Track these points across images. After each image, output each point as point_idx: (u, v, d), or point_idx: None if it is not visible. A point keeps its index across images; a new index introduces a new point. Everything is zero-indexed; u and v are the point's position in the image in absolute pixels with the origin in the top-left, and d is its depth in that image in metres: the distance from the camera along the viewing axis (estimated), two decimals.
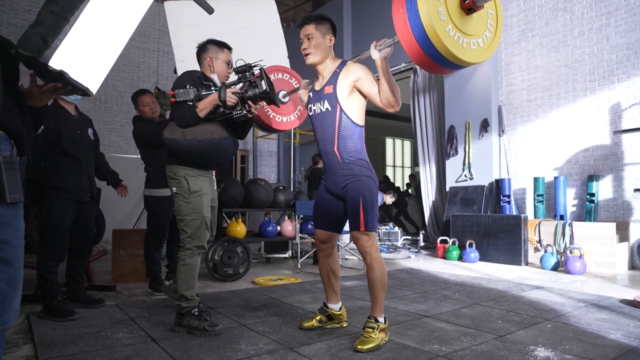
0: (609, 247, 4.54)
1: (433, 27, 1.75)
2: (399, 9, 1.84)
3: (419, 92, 7.26)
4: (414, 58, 1.92)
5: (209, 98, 2.41)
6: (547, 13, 5.74)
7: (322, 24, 2.33)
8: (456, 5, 1.87)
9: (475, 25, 1.95)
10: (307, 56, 2.33)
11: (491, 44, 2.04)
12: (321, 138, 2.34)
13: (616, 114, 5.02)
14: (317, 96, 2.35)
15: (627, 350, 2.09)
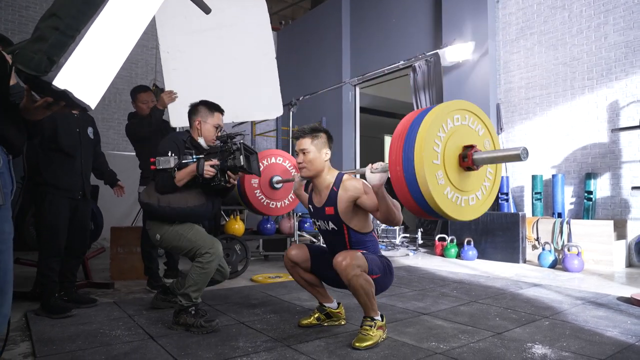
0: (606, 245, 4.55)
1: (430, 193, 1.66)
2: (395, 166, 1.74)
3: (419, 90, 7.26)
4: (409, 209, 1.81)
5: (187, 169, 2.49)
6: (545, 11, 5.74)
7: (318, 138, 2.30)
8: (455, 165, 1.78)
9: (474, 179, 1.87)
10: (303, 170, 2.32)
11: (490, 194, 1.95)
12: (332, 250, 2.36)
13: (614, 112, 5.03)
14: (319, 214, 2.34)
15: (624, 347, 2.10)
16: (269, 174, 3.21)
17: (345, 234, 2.28)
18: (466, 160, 1.78)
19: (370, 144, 12.23)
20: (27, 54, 0.84)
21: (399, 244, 6.77)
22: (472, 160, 1.76)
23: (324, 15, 9.17)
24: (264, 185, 3.20)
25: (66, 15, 0.83)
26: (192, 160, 2.52)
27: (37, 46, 0.84)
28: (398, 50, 7.50)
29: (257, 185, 3.16)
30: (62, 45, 0.84)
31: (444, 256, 5.61)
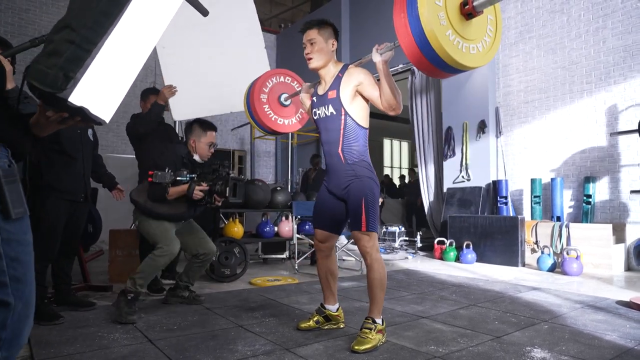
0: (605, 249, 4.56)
1: (433, 32, 1.77)
2: (399, 13, 1.86)
3: (417, 94, 7.27)
4: (414, 61, 1.93)
5: (179, 189, 2.83)
6: (544, 15, 5.76)
7: (325, 29, 2.35)
8: (456, 10, 1.88)
9: (474, 30, 1.97)
10: (310, 60, 2.35)
11: (490, 49, 2.06)
12: (326, 140, 2.37)
13: (613, 115, 5.04)
14: (321, 100, 2.38)
15: (623, 351, 2.10)
16: (277, 92, 3.24)
17: (342, 118, 2.28)
18: (467, 7, 1.88)
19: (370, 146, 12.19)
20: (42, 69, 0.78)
21: (398, 247, 6.77)
22: (473, 5, 1.87)
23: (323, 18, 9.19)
24: (273, 102, 3.23)
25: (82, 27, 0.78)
26: (186, 179, 2.85)
27: (51, 61, 0.78)
28: (397, 53, 7.50)
29: (266, 100, 3.19)
30: (79, 59, 0.79)
31: (443, 259, 5.61)
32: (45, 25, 7.41)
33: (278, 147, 10.51)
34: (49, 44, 0.79)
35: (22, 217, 0.92)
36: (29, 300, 0.94)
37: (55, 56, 0.77)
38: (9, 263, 0.88)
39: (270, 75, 3.26)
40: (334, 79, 2.33)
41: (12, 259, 0.89)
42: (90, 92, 0.83)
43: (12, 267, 0.89)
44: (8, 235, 0.88)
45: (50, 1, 7.53)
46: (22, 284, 0.91)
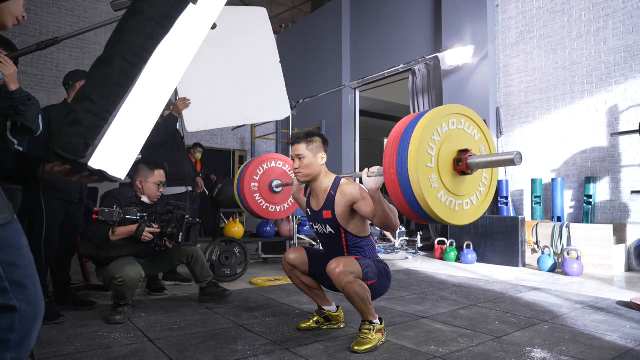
0: (606, 249, 4.55)
1: (424, 197, 1.65)
2: (389, 169, 1.74)
3: (418, 94, 7.27)
4: (402, 212, 1.81)
5: (126, 229, 2.66)
6: (545, 15, 5.76)
7: (313, 143, 2.31)
8: (449, 169, 1.77)
9: (469, 184, 1.85)
10: (299, 175, 2.32)
11: (485, 199, 1.93)
12: (330, 254, 2.34)
13: (613, 116, 5.04)
14: (317, 217, 2.35)
15: (623, 352, 2.10)
16: (268, 178, 3.21)
17: (343, 237, 2.28)
18: (461, 165, 1.77)
19: (370, 147, 12.23)
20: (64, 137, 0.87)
21: (398, 247, 6.77)
22: (467, 164, 1.75)
23: (324, 18, 9.19)
24: (264, 189, 3.20)
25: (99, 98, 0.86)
26: (136, 218, 2.69)
27: (73, 130, 0.86)
28: (398, 53, 7.52)
29: (257, 189, 3.17)
30: (97, 128, 0.87)
31: (444, 260, 5.61)
32: (46, 25, 7.42)
33: (279, 147, 10.50)
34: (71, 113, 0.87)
35: (10, 221, 0.92)
36: (36, 302, 0.94)
37: (77, 126, 0.86)
38: (6, 268, 0.89)
39: (262, 162, 3.22)
40: (327, 197, 2.29)
41: (9, 264, 0.89)
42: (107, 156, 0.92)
43: (9, 272, 0.89)
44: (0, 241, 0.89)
45: (52, 1, 7.54)
46: (24, 287, 0.91)
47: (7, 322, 0.88)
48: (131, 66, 0.87)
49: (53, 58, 7.45)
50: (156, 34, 0.88)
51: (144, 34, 0.87)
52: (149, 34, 0.87)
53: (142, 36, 0.87)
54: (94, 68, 0.88)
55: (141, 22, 0.87)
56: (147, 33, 0.87)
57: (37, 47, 1.58)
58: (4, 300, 0.88)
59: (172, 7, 0.88)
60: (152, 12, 0.87)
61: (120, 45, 0.87)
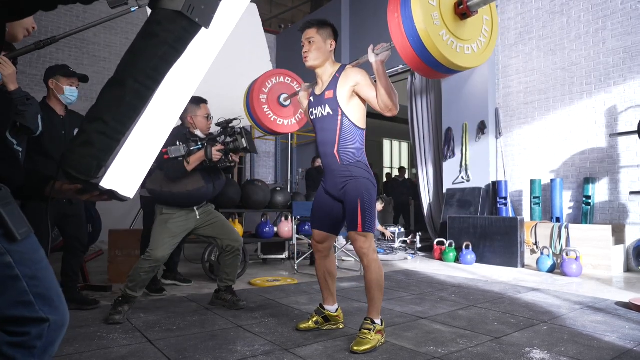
0: (604, 250, 4.56)
1: (426, 32, 1.74)
2: (393, 13, 1.84)
3: (416, 94, 7.28)
4: (409, 62, 1.91)
5: (197, 155, 2.80)
6: (544, 16, 5.76)
7: (324, 29, 2.35)
8: (450, 10, 1.85)
9: (469, 31, 1.94)
10: (307, 59, 2.35)
11: (486, 49, 2.02)
12: (322, 141, 2.36)
13: (612, 117, 5.05)
14: (318, 100, 2.37)
15: (622, 352, 2.10)
16: (276, 92, 3.24)
17: (339, 119, 2.28)
18: (461, 7, 1.85)
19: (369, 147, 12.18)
20: (76, 158, 0.87)
21: (397, 248, 6.77)
22: (467, 5, 1.84)
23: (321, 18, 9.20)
24: (272, 102, 3.23)
25: (112, 119, 0.86)
26: (198, 147, 2.81)
27: (85, 151, 0.86)
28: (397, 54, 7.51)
29: (266, 101, 3.19)
30: (109, 149, 0.88)
31: (443, 260, 5.61)
32: (46, 25, 7.41)
33: (278, 147, 10.51)
34: (82, 134, 0.87)
35: (29, 235, 0.93)
36: (62, 312, 0.97)
37: (89, 146, 0.86)
38: (29, 282, 0.91)
39: (270, 76, 3.26)
40: (331, 79, 2.33)
41: (31, 277, 0.91)
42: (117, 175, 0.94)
43: (33, 286, 0.91)
44: (20, 256, 0.90)
45: None
46: (49, 299, 0.94)
47: (36, 331, 0.91)
48: (144, 88, 0.88)
49: (52, 58, 7.45)
50: (169, 57, 0.89)
51: (157, 57, 0.87)
52: (162, 57, 0.88)
53: (155, 59, 0.87)
54: (107, 88, 0.88)
55: (154, 46, 0.87)
56: (160, 56, 0.88)
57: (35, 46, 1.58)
58: (32, 313, 0.90)
59: (186, 31, 0.89)
60: (165, 35, 0.87)
61: (134, 67, 0.87)
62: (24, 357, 0.90)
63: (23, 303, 0.89)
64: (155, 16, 0.88)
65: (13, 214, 0.90)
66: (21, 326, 0.90)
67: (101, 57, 7.92)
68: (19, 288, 0.89)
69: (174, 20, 0.87)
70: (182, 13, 0.86)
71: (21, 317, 0.89)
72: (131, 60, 0.88)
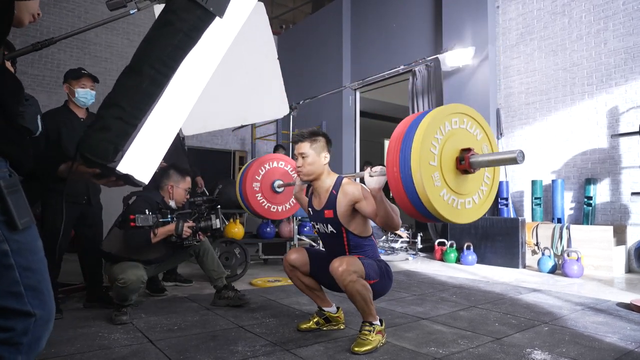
0: (606, 251, 4.55)
1: (426, 194, 1.65)
2: (392, 167, 1.74)
3: (418, 95, 7.27)
4: (405, 211, 1.81)
5: (166, 228, 2.81)
6: (545, 17, 5.76)
7: (317, 142, 2.32)
8: (452, 167, 1.77)
9: (471, 183, 1.85)
10: (301, 174, 2.33)
11: (487, 197, 1.94)
12: (331, 255, 2.32)
13: (614, 117, 5.04)
14: (318, 217, 2.36)
15: (623, 353, 2.10)
16: (270, 178, 3.21)
17: (344, 237, 2.29)
18: (463, 163, 1.77)
19: (370, 148, 12.24)
20: (94, 142, 0.90)
21: (398, 249, 6.77)
22: (469, 163, 1.75)
23: (325, 19, 9.20)
24: (266, 189, 3.20)
25: (129, 105, 0.89)
26: (168, 220, 2.84)
27: (102, 135, 0.89)
28: (398, 54, 7.52)
29: (259, 189, 3.17)
30: (126, 134, 0.91)
31: (444, 261, 5.60)
32: (47, 25, 7.43)
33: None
34: (100, 119, 0.90)
35: (30, 226, 0.92)
36: (49, 307, 0.96)
37: (106, 131, 0.89)
38: (22, 273, 0.89)
39: (263, 162, 3.20)
40: (329, 196, 2.30)
41: (25, 268, 0.90)
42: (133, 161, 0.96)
43: (25, 277, 0.90)
44: (18, 245, 0.89)
45: (52, 2, 7.54)
46: (39, 292, 0.93)
47: (22, 326, 0.90)
48: (160, 75, 0.91)
49: (54, 59, 7.46)
50: (184, 45, 0.92)
51: (172, 45, 0.90)
52: (177, 45, 0.91)
53: (170, 47, 0.90)
54: (124, 76, 0.91)
55: (170, 34, 0.90)
56: (176, 44, 0.91)
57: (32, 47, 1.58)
58: (20, 305, 0.89)
59: (200, 19, 0.92)
60: (180, 24, 0.90)
61: (150, 55, 0.90)
62: (10, 354, 0.89)
63: (13, 294, 0.88)
64: (171, 5, 0.91)
65: (18, 203, 0.89)
66: (6, 319, 0.88)
67: (102, 57, 7.93)
68: (11, 278, 0.87)
69: (189, 10, 0.90)
70: (197, 2, 0.89)
71: (8, 308, 0.88)
72: (147, 49, 0.91)
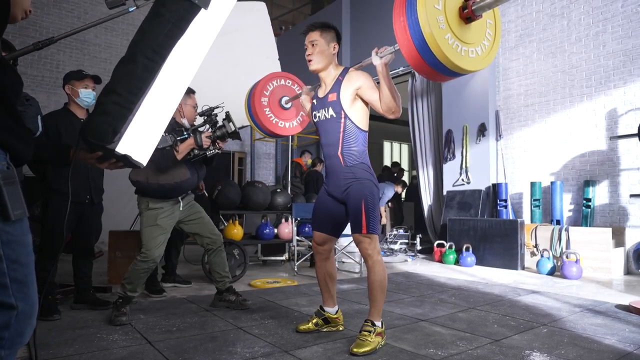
0: (605, 252, 4.56)
1: (432, 35, 1.77)
2: (399, 17, 1.87)
3: (417, 96, 7.28)
4: (413, 65, 1.94)
5: (186, 143, 2.82)
6: (544, 19, 5.77)
7: (327, 32, 2.37)
8: (455, 14, 1.89)
9: (473, 34, 1.97)
10: (310, 62, 2.36)
11: (489, 53, 2.06)
12: (325, 143, 2.38)
13: (612, 119, 5.05)
14: (321, 103, 2.39)
15: (622, 355, 2.10)
16: (277, 95, 3.25)
17: (342, 121, 2.29)
18: (466, 11, 1.88)
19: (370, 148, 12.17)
20: (94, 126, 1.00)
21: (397, 250, 6.77)
22: (472, 9, 1.86)
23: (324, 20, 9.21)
24: (274, 105, 3.24)
25: (125, 91, 0.99)
26: (185, 136, 2.83)
27: (102, 118, 0.99)
28: (398, 56, 7.51)
29: (267, 104, 3.20)
30: (123, 117, 1.00)
31: (443, 262, 5.60)
32: (47, 26, 7.42)
33: (278, 149, 10.50)
34: (99, 105, 0.99)
35: (22, 218, 0.93)
36: (33, 301, 0.97)
37: (105, 115, 0.99)
38: (10, 265, 0.90)
39: (271, 78, 3.27)
40: (334, 82, 2.34)
41: (13, 260, 0.91)
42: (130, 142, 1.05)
43: (12, 269, 0.90)
44: (8, 237, 0.90)
45: (52, 2, 7.54)
46: (24, 285, 0.93)
47: (3, 320, 0.89)
48: (152, 62, 1.00)
49: (53, 59, 7.46)
50: (173, 34, 1.02)
51: (162, 35, 1.00)
52: (167, 34, 1.01)
53: (161, 36, 1.00)
54: (120, 64, 1.00)
55: (160, 24, 1.00)
56: (166, 33, 1.00)
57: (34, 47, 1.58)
58: (3, 297, 0.89)
59: (187, 11, 1.02)
60: (169, 15, 1.00)
61: (143, 44, 1.00)
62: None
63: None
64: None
65: (13, 194, 0.90)
66: None
67: (102, 58, 7.92)
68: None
69: (177, 2, 1.01)
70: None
71: None
72: (140, 39, 1.00)
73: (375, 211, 2.24)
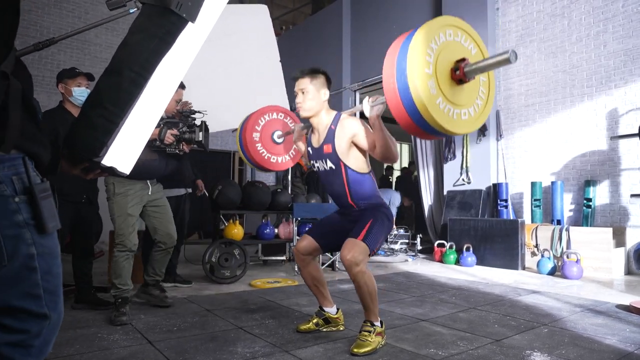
0: (605, 252, 4.55)
1: (422, 102, 1.68)
2: (389, 78, 1.79)
3: None
4: (403, 125, 1.83)
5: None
6: (545, 19, 5.77)
7: (317, 78, 2.34)
8: (446, 76, 1.79)
9: (466, 95, 1.88)
10: (300, 110, 2.34)
11: (482, 112, 1.96)
12: (333, 193, 2.39)
13: (613, 119, 5.05)
14: (317, 154, 2.37)
15: (622, 355, 2.10)
16: (269, 129, 3.22)
17: (343, 173, 2.29)
18: (458, 73, 1.79)
19: None
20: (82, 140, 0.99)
21: (397, 250, 6.76)
22: (464, 72, 1.77)
23: (325, 21, 9.21)
24: (266, 140, 3.21)
25: (111, 105, 0.98)
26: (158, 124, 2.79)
27: (89, 133, 0.98)
28: None
29: (259, 139, 3.18)
30: (109, 131, 1.00)
31: (443, 262, 5.60)
32: (47, 26, 7.43)
33: None
34: (85, 118, 0.99)
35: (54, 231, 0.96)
36: (60, 310, 0.98)
37: (93, 129, 0.98)
38: (43, 276, 0.91)
39: (263, 113, 3.21)
40: (327, 132, 2.31)
41: (46, 272, 0.92)
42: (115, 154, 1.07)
43: (45, 280, 0.92)
44: (42, 249, 0.91)
45: (52, 2, 7.55)
46: (55, 295, 0.95)
47: (37, 328, 0.91)
48: (139, 77, 0.98)
49: (54, 59, 7.46)
50: (160, 49, 1.00)
51: (149, 49, 0.98)
52: (154, 49, 0.99)
53: (147, 51, 0.98)
54: (105, 77, 0.98)
55: (146, 39, 0.98)
56: (152, 48, 0.98)
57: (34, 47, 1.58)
58: (38, 307, 0.90)
59: (174, 25, 1.00)
60: (155, 29, 0.98)
61: (129, 58, 0.98)
62: (22, 356, 0.90)
63: (32, 296, 0.90)
64: (147, 10, 0.98)
65: (48, 207, 0.91)
66: (22, 322, 0.89)
67: (102, 58, 7.92)
68: (33, 280, 0.89)
69: (164, 15, 0.98)
70: (170, 9, 0.96)
71: (26, 309, 0.89)
72: (127, 52, 0.98)
73: (379, 233, 2.21)
